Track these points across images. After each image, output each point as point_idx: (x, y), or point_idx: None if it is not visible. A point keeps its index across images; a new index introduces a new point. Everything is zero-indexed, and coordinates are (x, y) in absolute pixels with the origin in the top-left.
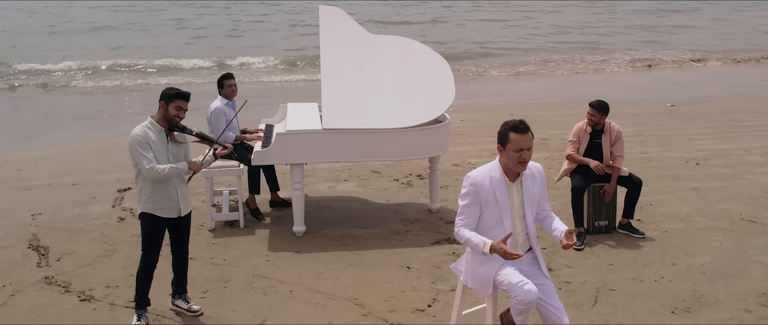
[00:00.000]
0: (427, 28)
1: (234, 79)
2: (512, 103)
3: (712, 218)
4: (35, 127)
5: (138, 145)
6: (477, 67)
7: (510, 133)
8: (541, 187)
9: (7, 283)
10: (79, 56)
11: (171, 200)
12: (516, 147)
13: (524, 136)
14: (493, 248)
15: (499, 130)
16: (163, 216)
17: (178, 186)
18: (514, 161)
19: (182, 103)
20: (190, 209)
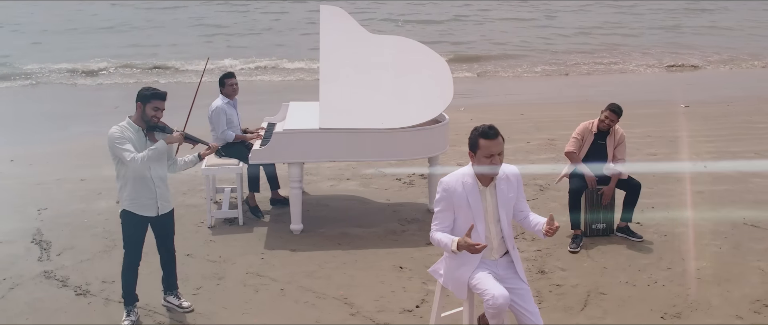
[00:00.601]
0: (447, 27)
1: (235, 78)
2: (523, 102)
3: (714, 222)
4: (51, 123)
5: (116, 141)
6: (494, 66)
7: (480, 140)
8: (516, 190)
9: (8, 276)
10: (101, 53)
11: (150, 199)
12: (486, 153)
13: (494, 142)
14: (459, 244)
15: (470, 138)
16: (142, 214)
17: (158, 185)
18: (485, 167)
19: (159, 103)
20: (169, 208)
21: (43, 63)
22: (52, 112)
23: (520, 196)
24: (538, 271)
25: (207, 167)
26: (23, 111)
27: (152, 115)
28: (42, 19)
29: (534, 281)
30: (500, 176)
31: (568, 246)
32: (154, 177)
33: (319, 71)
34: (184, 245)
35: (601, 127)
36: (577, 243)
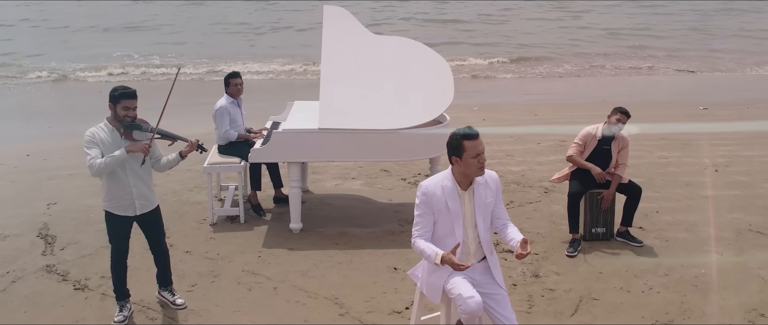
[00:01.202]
0: (470, 27)
1: (240, 78)
2: (539, 102)
3: (719, 227)
4: (68, 119)
5: (84, 144)
6: (517, 65)
7: (464, 142)
8: (495, 195)
9: (11, 269)
10: (124, 51)
11: (126, 199)
12: (473, 153)
13: (478, 141)
14: (443, 259)
15: (450, 142)
16: (120, 214)
17: (134, 184)
18: (474, 168)
19: (128, 103)
20: (151, 207)
21: (66, 59)
22: (70, 108)
23: (499, 202)
24: (532, 274)
25: (209, 165)
26: (43, 106)
27: (124, 115)
28: (69, 15)
29: (527, 285)
30: (479, 181)
31: (565, 250)
32: (130, 177)
33: (321, 71)
34: (185, 241)
35: (612, 131)
36: (575, 247)
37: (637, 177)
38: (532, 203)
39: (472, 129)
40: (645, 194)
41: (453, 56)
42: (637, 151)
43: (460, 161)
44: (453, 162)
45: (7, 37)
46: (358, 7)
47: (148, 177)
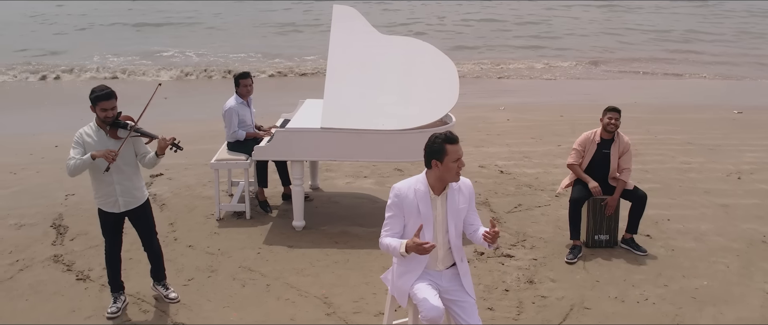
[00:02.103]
0: (509, 27)
1: (250, 78)
2: (567, 103)
3: (730, 237)
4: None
5: (73, 142)
6: (552, 65)
7: (446, 146)
8: (468, 202)
9: (21, 258)
10: (150, 47)
11: (110, 196)
12: (454, 157)
13: (458, 146)
14: (407, 246)
15: (432, 146)
16: (107, 210)
17: (118, 181)
18: (453, 172)
19: (105, 104)
20: (136, 203)
21: (103, 55)
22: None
23: (472, 208)
24: (527, 280)
25: (216, 161)
26: (77, 100)
27: (104, 116)
28: (109, 12)
29: (520, 291)
30: (453, 186)
31: (565, 257)
32: (114, 174)
33: (327, 70)
34: (189, 235)
35: (609, 130)
36: (575, 254)
37: (655, 182)
38: (540, 206)
39: (452, 133)
40: (659, 201)
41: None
42: (659, 156)
43: (441, 165)
44: (432, 165)
45: (61, 31)
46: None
47: (134, 174)
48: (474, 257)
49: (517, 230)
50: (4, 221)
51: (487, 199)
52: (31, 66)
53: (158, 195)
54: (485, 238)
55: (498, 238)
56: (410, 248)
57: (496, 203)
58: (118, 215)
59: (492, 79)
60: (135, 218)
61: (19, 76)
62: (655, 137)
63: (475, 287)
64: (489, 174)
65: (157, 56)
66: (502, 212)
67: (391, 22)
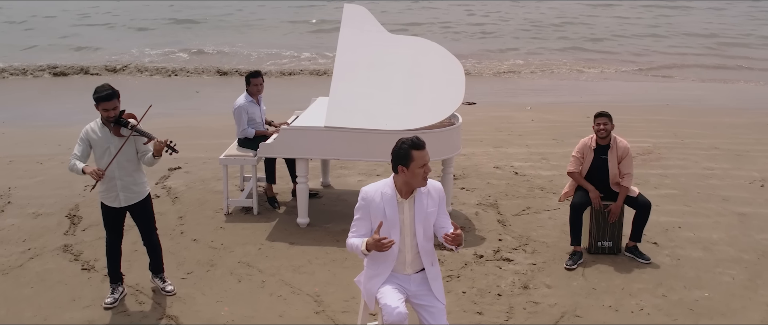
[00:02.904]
0: (550, 26)
1: (261, 77)
2: (595, 103)
3: (740, 248)
4: (129, 106)
5: (78, 138)
6: (590, 64)
7: (412, 152)
8: (437, 205)
9: (34, 246)
10: (190, 44)
11: (112, 191)
12: (420, 163)
13: (424, 151)
14: (368, 244)
15: (398, 152)
16: (109, 204)
17: (120, 177)
18: (419, 178)
19: (106, 105)
20: (137, 199)
21: (139, 52)
22: (131, 97)
23: (442, 211)
24: (522, 285)
25: (225, 157)
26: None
27: (106, 115)
28: (146, 9)
29: (512, 296)
30: (422, 190)
31: (564, 263)
32: (117, 171)
33: (334, 69)
34: (196, 229)
35: (600, 137)
36: (575, 260)
37: (673, 188)
38: (548, 210)
39: (419, 139)
40: (673, 208)
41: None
42: (682, 161)
43: (407, 171)
44: (398, 171)
45: (106, 27)
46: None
47: (135, 171)
48: (472, 260)
49: (520, 234)
50: (23, 210)
51: (496, 200)
52: (70, 58)
53: (173, 188)
54: (445, 240)
55: (461, 241)
56: (370, 246)
57: (505, 205)
58: (118, 209)
59: (524, 78)
60: (135, 213)
61: (62, 69)
62: (682, 141)
63: (468, 290)
64: (503, 175)
65: (198, 54)
66: (510, 214)
67: (431, 19)
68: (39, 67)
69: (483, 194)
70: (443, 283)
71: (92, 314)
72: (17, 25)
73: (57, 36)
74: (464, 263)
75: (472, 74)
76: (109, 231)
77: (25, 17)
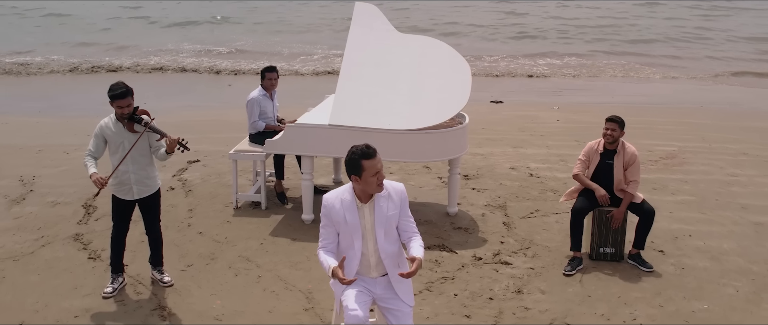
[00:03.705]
0: (592, 26)
1: (276, 72)
2: (625, 105)
3: (751, 259)
4: (161, 100)
5: (93, 134)
6: (630, 65)
7: (362, 162)
8: (399, 207)
9: (47, 234)
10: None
11: (126, 184)
12: (372, 172)
13: (376, 159)
14: (332, 272)
15: (350, 162)
16: (121, 197)
17: (134, 171)
18: (374, 185)
19: (120, 103)
20: (150, 192)
21: (175, 46)
22: (163, 91)
23: (404, 214)
24: (515, 290)
25: (234, 152)
26: (144, 88)
27: (120, 112)
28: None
29: (504, 301)
30: (382, 193)
31: (563, 268)
32: (130, 165)
33: (341, 68)
34: (203, 222)
35: (606, 141)
36: (573, 266)
37: (690, 194)
38: (557, 213)
39: (369, 147)
40: (687, 215)
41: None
42: (705, 166)
43: (359, 180)
44: (352, 180)
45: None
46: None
47: (148, 165)
48: (470, 262)
49: (524, 237)
50: (43, 198)
51: (505, 202)
52: (110, 51)
53: (188, 181)
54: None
55: (416, 273)
56: (334, 276)
57: (513, 207)
58: (130, 202)
59: (558, 77)
60: (145, 205)
61: (102, 63)
62: (709, 146)
63: (460, 292)
64: (517, 177)
65: (235, 52)
66: (516, 216)
67: (470, 18)
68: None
69: (493, 195)
70: (437, 284)
71: (91, 302)
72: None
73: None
74: (461, 265)
75: (503, 74)
76: (117, 223)
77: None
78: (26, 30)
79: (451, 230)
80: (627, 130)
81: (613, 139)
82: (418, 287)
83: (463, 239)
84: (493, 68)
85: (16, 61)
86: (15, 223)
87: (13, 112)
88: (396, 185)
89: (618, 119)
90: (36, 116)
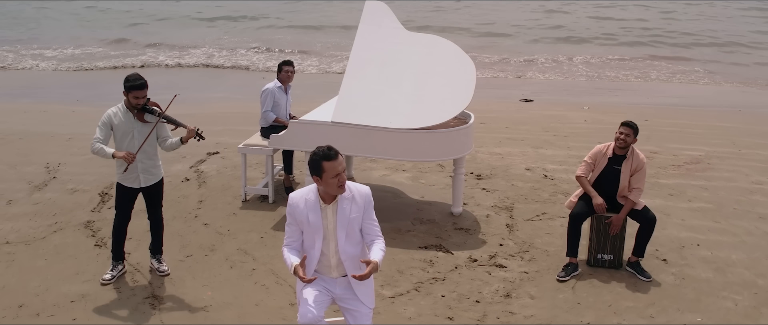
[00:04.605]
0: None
1: (292, 66)
2: (658, 106)
3: (758, 272)
4: (202, 91)
5: (99, 122)
6: (682, 66)
7: (323, 163)
8: (362, 210)
9: (61, 220)
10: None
11: (132, 173)
12: (332, 174)
13: (337, 162)
14: (294, 270)
15: (311, 163)
16: (128, 185)
17: (141, 160)
18: (334, 187)
19: (138, 93)
20: (155, 180)
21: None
22: (199, 84)
23: (368, 217)
24: (505, 294)
25: (243, 146)
26: (188, 82)
27: (136, 103)
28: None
29: (491, 304)
30: (345, 195)
31: (557, 273)
32: (138, 154)
33: (347, 65)
34: (210, 214)
35: (618, 146)
36: (568, 272)
37: (708, 202)
38: (563, 217)
39: (331, 149)
40: (699, 223)
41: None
42: (730, 173)
43: (321, 180)
44: (315, 180)
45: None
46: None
47: (154, 154)
48: (464, 263)
49: (524, 240)
50: (64, 185)
51: (513, 204)
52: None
53: (204, 172)
54: (354, 277)
55: (369, 276)
56: (295, 273)
57: (521, 209)
58: (135, 190)
59: (593, 76)
60: (149, 193)
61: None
62: (738, 151)
63: (448, 294)
64: (530, 178)
65: (272, 50)
66: (521, 219)
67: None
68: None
69: (502, 196)
70: (426, 285)
71: (89, 288)
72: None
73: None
74: (455, 266)
75: (538, 72)
76: (120, 212)
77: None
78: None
79: (452, 231)
80: (655, 133)
81: (625, 144)
82: (407, 286)
83: (461, 239)
84: (528, 66)
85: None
86: (33, 208)
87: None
88: (361, 188)
89: (633, 125)
90: (73, 105)
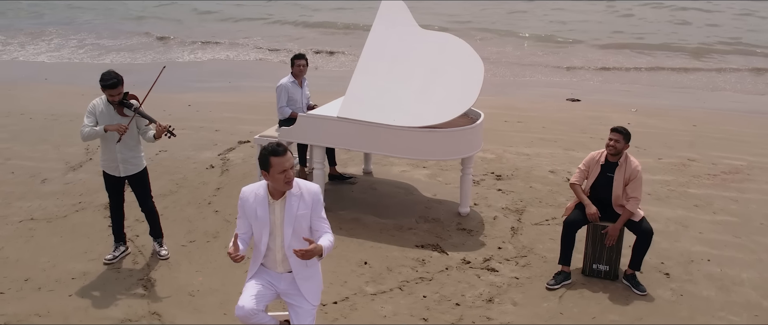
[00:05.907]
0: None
1: (304, 59)
2: (709, 110)
3: (766, 293)
4: (241, 78)
5: (86, 112)
6: (748, 71)
7: (270, 158)
8: (310, 208)
9: (84, 201)
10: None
11: (113, 162)
12: (279, 169)
13: (284, 158)
14: (229, 250)
15: (260, 157)
16: (110, 173)
17: (120, 151)
18: (281, 182)
19: (111, 92)
20: (135, 170)
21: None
22: (231, 73)
23: (316, 215)
24: (488, 298)
25: (259, 137)
26: (220, 72)
27: (111, 99)
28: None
29: (471, 308)
30: (294, 192)
31: (547, 281)
32: (118, 144)
33: (359, 61)
34: (223, 202)
35: (609, 153)
36: (557, 281)
37: (734, 215)
38: None
39: (280, 146)
40: (717, 238)
41: None
42: (757, 184)
43: (269, 176)
44: (263, 175)
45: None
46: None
47: (134, 146)
48: (456, 265)
49: (525, 245)
50: (96, 167)
51: (525, 207)
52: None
53: (230, 160)
54: (295, 254)
55: (312, 256)
56: (229, 254)
57: (531, 212)
58: (118, 178)
59: (649, 78)
60: (133, 182)
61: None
62: None
63: (431, 295)
64: (551, 181)
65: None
66: (529, 222)
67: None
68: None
69: (517, 198)
70: (411, 284)
71: (92, 267)
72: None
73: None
74: (446, 267)
75: (594, 69)
76: (111, 195)
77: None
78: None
79: (454, 231)
80: (700, 139)
81: (616, 150)
82: (392, 284)
83: (461, 240)
84: (588, 64)
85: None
86: (63, 188)
87: None
88: (310, 186)
89: (623, 131)
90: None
